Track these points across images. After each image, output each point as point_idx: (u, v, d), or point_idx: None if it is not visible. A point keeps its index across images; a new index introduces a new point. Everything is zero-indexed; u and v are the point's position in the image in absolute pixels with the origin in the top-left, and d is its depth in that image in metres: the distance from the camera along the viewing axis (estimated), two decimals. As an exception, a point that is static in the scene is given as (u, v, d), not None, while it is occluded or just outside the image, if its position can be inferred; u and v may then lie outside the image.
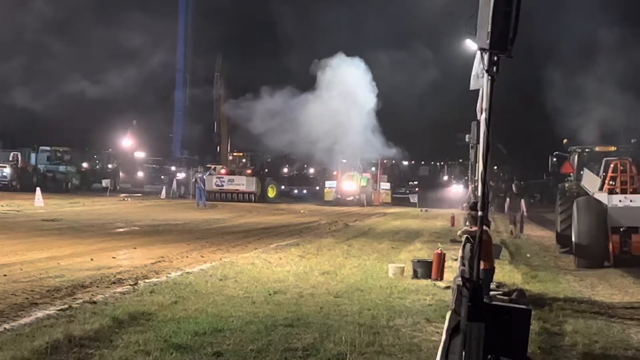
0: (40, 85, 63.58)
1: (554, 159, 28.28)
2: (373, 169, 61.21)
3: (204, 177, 49.97)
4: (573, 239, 22.03)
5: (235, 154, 60.58)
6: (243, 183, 55.32)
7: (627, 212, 21.23)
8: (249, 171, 57.58)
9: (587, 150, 26.97)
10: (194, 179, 51.64)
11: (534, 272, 18.98)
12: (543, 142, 36.76)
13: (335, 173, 58.03)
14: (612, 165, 22.80)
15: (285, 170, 72.23)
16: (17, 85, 61.42)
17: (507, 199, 28.61)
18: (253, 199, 54.53)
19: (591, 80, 30.09)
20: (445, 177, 66.59)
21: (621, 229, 21.32)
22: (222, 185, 54.94)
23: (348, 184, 56.37)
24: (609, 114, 28.19)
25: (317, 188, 61.26)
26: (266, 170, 62.45)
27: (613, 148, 25.95)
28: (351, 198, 55.51)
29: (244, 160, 60.50)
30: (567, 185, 26.41)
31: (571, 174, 27.23)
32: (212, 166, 58.49)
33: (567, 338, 11.24)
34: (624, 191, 22.02)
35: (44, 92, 63.96)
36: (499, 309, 7.01)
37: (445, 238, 25.61)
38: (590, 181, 23.86)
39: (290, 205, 51.35)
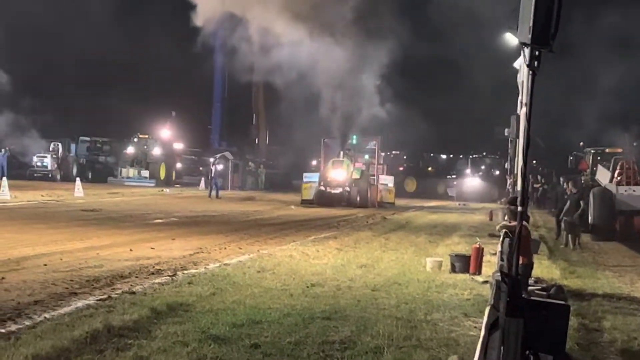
0: (80, 77, 64.37)
1: (572, 158, 36.56)
2: (367, 156, 48.01)
3: (217, 167, 50.10)
4: (589, 220, 27.67)
5: None
6: None
7: (631, 199, 27.75)
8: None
9: (599, 151, 34.62)
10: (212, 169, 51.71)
11: (572, 267, 18.85)
12: (580, 136, 39.93)
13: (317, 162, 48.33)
14: (619, 163, 29.20)
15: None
16: (58, 76, 62.20)
17: (567, 201, 26.98)
18: None
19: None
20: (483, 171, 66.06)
21: (626, 212, 27.89)
22: None
23: (336, 172, 42.71)
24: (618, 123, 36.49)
25: None
26: None
27: (620, 149, 33.20)
28: (339, 191, 41.85)
29: None
30: (583, 179, 33.65)
31: (586, 170, 34.28)
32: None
33: (605, 334, 11.16)
34: (628, 183, 28.29)
35: (84, 83, 64.72)
36: (538, 304, 6.95)
37: (483, 232, 25.52)
38: (602, 175, 30.40)
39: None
